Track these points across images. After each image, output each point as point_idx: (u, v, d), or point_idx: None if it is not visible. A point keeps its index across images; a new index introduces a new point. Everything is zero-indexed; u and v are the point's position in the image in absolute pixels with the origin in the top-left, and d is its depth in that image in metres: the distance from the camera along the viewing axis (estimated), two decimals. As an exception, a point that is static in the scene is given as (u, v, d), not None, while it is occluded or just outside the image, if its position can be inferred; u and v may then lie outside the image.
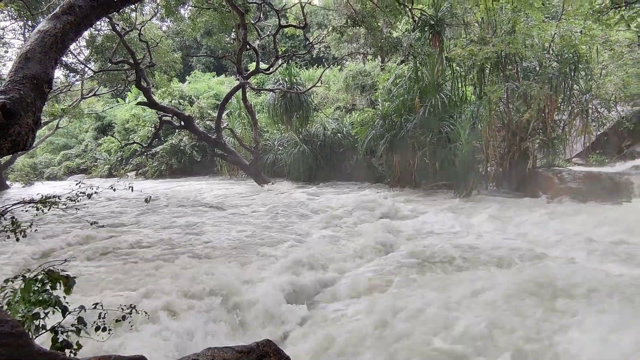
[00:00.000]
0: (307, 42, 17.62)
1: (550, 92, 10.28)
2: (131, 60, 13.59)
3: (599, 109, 11.36)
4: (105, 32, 14.48)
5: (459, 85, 12.43)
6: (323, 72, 17.98)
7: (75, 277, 2.51)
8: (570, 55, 10.37)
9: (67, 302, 2.40)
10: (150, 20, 15.84)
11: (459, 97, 12.33)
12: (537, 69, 10.76)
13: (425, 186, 12.45)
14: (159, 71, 16.69)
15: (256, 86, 17.89)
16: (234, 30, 16.38)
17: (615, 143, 12.62)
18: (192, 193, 14.43)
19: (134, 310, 2.90)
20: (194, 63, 33.19)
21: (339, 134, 16.38)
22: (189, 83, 26.27)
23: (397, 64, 15.67)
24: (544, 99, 10.12)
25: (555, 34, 10.42)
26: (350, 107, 18.66)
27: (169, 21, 18.84)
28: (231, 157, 16.18)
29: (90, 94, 21.09)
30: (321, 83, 18.30)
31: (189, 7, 14.96)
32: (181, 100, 22.85)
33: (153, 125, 20.48)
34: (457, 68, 12.19)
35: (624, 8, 8.75)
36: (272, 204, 11.28)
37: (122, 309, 2.87)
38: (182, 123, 15.85)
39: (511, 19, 10.41)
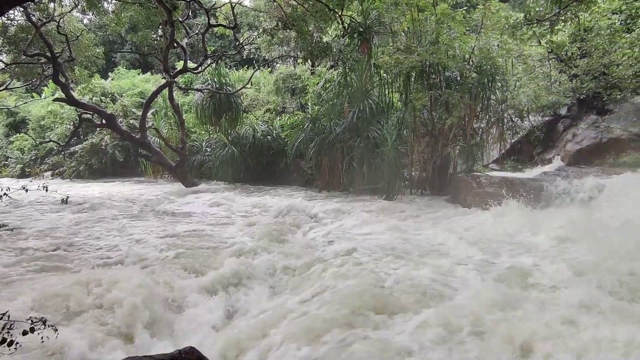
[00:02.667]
0: (237, 42, 17.44)
1: (470, 101, 10.82)
2: (48, 54, 12.78)
3: (513, 119, 12.13)
4: (19, 22, 13.52)
5: (386, 92, 12.81)
6: (253, 73, 17.87)
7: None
8: (488, 67, 10.99)
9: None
10: (70, 12, 14.95)
11: (386, 103, 12.70)
12: (458, 78, 11.29)
13: (353, 190, 12.68)
14: (79, 66, 15.78)
15: (184, 85, 17.46)
16: (160, 27, 15.85)
17: (527, 150, 13.52)
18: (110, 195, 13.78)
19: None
20: (117, 59, 31.76)
21: (269, 137, 16.32)
22: (112, 80, 25.08)
23: (327, 69, 15.92)
24: (464, 107, 10.63)
25: (475, 46, 11.00)
26: (281, 109, 18.67)
27: (91, 14, 17.90)
28: (156, 157, 15.61)
29: (2, 88, 19.56)
30: (251, 84, 18.17)
31: (113, 1, 14.34)
32: (103, 98, 21.74)
33: (72, 123, 19.41)
34: (385, 75, 12.55)
35: (535, 25, 9.44)
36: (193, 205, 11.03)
37: (32, 321, 2.68)
38: (104, 121, 15.11)
39: (435, 30, 10.86)
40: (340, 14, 12.24)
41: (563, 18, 9.32)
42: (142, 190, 15.19)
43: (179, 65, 17.66)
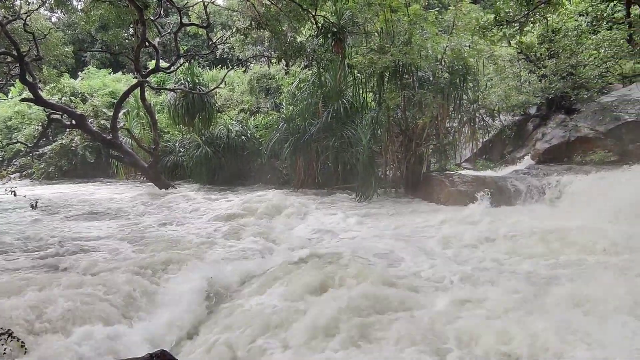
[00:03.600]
0: (211, 42, 17.28)
1: (443, 101, 10.96)
2: (15, 52, 12.43)
3: (484, 118, 12.33)
4: (-17, 20, 13.11)
5: (360, 92, 12.87)
6: (226, 73, 17.74)
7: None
8: (460, 67, 11.14)
9: None
10: (37, 9, 14.56)
11: (360, 103, 12.76)
12: (431, 79, 11.42)
13: (328, 189, 12.71)
14: (47, 65, 15.39)
15: (156, 85, 17.19)
16: (132, 25, 15.59)
17: (498, 149, 13.81)
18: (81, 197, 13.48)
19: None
20: (87, 58, 31.03)
21: (243, 137, 16.19)
22: (82, 79, 24.52)
23: (301, 69, 15.91)
24: (436, 107, 10.76)
25: (447, 47, 11.15)
26: (255, 109, 18.57)
27: (59, 12, 17.48)
28: (128, 158, 15.32)
29: (-35, 88, 18.96)
30: (225, 84, 18.03)
31: (82, -1, 14.05)
32: (73, 98, 21.19)
33: (40, 124, 18.90)
34: (358, 75, 12.60)
35: (505, 26, 9.63)
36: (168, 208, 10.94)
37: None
38: (74, 122, 14.75)
39: (408, 31, 10.96)
40: (313, 14, 12.27)
41: (532, 19, 9.56)
42: (112, 191, 14.94)
43: (151, 64, 17.40)
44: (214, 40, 17.51)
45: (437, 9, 12.55)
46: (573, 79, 11.39)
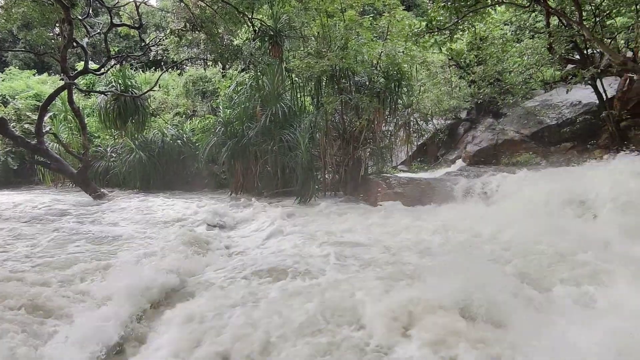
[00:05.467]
0: (143, 43, 16.74)
1: (379, 105, 11.18)
2: None
3: (418, 122, 12.73)
4: None
5: (298, 96, 12.90)
6: (160, 75, 17.23)
7: None
8: (395, 72, 11.43)
9: None
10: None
11: (298, 106, 12.79)
12: (367, 83, 11.64)
13: (267, 193, 12.63)
14: (-38, 65, 14.34)
15: (85, 87, 16.45)
16: (58, 25, 14.80)
17: (432, 152, 14.31)
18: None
19: None
20: (9, 59, 29.22)
21: (179, 141, 15.79)
22: (3, 81, 22.98)
23: (239, 72, 15.75)
24: (373, 111, 10.98)
25: (382, 52, 11.41)
26: (191, 113, 18.19)
27: (-25, 9, 16.32)
28: (55, 164, 14.48)
29: None
30: (159, 87, 17.52)
31: (2, -5, 13.15)
32: (-8, 100, 19.90)
33: (-46, 129, 17.53)
34: (296, 79, 12.64)
35: (436, 33, 9.99)
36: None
37: None
38: (-7, 126, 13.80)
39: (344, 36, 11.12)
40: (250, 17, 12.18)
41: (461, 27, 9.96)
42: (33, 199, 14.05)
43: (80, 66, 16.61)
44: (147, 42, 16.98)
45: (372, 15, 12.80)
46: (500, 84, 11.98)
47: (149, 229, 8.21)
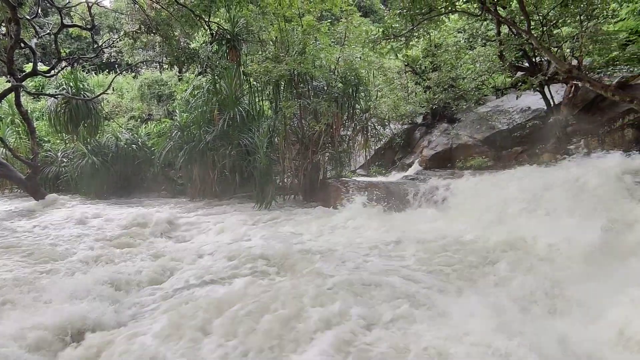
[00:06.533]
0: (96, 45, 16.27)
1: (337, 110, 11.28)
2: None
3: (376, 127, 12.90)
4: None
5: (257, 100, 12.86)
6: (114, 78, 16.77)
7: None
8: (352, 77, 11.57)
9: None
10: None
11: (256, 111, 12.74)
12: (325, 88, 11.73)
13: (226, 198, 12.49)
14: None
15: (34, 90, 15.82)
16: (4, 24, 14.17)
17: (389, 156, 14.53)
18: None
19: None
20: (-50, 59, 27.76)
21: (134, 145, 15.37)
22: (-57, 82, 21.88)
23: (195, 75, 15.53)
24: (331, 116, 11.06)
25: (339, 57, 11.52)
26: (146, 117, 17.79)
27: None
28: (2, 170, 13.86)
29: None
30: (113, 90, 17.03)
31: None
32: None
33: None
34: (255, 83, 12.58)
35: (392, 40, 10.18)
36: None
37: None
38: None
39: (302, 41, 11.17)
40: (207, 20, 12.04)
41: (416, 34, 10.19)
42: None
43: (28, 67, 15.95)
44: (100, 44, 16.51)
45: (329, 20, 12.91)
46: (454, 90, 12.29)
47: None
